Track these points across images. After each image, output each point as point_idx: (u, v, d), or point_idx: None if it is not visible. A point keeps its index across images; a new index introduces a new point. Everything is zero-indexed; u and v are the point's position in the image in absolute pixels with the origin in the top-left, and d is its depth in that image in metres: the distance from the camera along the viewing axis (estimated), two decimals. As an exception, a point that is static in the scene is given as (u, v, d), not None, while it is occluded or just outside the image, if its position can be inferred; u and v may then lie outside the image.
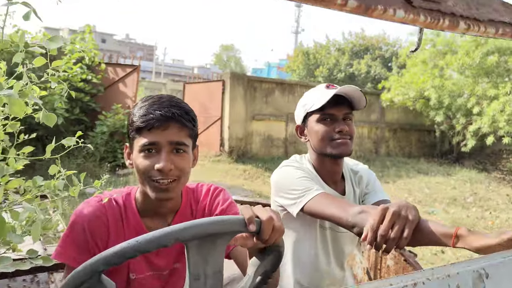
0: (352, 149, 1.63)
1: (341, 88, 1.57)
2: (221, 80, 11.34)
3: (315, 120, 1.64)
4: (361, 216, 1.31)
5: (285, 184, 1.58)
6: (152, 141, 1.17)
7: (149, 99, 1.22)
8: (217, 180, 8.91)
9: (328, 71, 26.44)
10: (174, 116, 1.17)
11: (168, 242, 0.75)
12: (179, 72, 55.38)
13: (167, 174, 1.17)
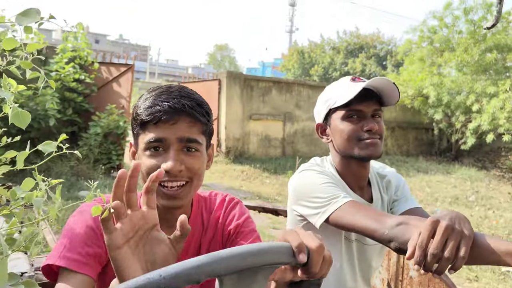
0: (382, 150, 1.43)
1: (371, 81, 1.36)
2: (217, 79, 11.12)
3: (339, 118, 1.43)
4: (401, 229, 1.11)
5: (306, 191, 1.37)
6: (159, 137, 0.98)
7: (156, 89, 1.04)
8: (215, 182, 8.71)
9: (323, 70, 26.38)
10: (184, 108, 0.98)
11: (199, 276, 0.55)
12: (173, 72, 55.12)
13: (176, 176, 0.99)
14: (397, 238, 1.11)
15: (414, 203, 1.51)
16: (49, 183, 1.06)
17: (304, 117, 12.43)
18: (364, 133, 1.39)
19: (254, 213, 5.83)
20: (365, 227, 1.19)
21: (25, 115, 0.74)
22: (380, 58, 27.30)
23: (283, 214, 2.74)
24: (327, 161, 1.54)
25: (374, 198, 1.52)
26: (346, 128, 1.41)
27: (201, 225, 1.16)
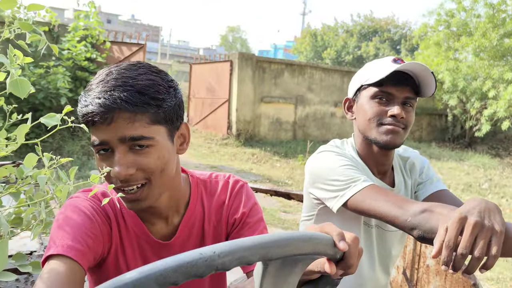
0: (403, 141, 1.33)
1: (407, 64, 1.26)
2: (229, 60, 11.00)
3: (368, 96, 1.34)
4: (424, 216, 1.04)
5: (324, 173, 1.30)
6: (100, 141, 0.85)
7: (98, 76, 0.88)
8: (224, 164, 8.69)
9: (336, 53, 26.04)
10: (116, 102, 0.81)
11: (253, 257, 0.50)
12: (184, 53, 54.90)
13: (129, 180, 0.86)
14: (420, 226, 1.04)
15: (440, 185, 1.42)
16: (57, 161, 1.01)
17: (316, 100, 12.29)
18: (387, 118, 1.30)
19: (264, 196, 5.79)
20: (386, 213, 1.12)
21: (24, 83, 0.67)
22: (394, 42, 26.87)
23: (296, 198, 2.69)
24: (348, 143, 1.46)
25: (397, 182, 1.44)
26: (370, 108, 1.33)
27: (202, 211, 1.05)
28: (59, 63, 7.48)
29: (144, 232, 0.98)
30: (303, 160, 8.84)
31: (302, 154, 9.45)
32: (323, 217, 1.40)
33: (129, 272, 0.45)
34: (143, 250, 0.99)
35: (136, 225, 0.98)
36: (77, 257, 0.82)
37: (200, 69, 12.25)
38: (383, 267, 1.48)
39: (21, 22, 0.64)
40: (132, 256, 0.98)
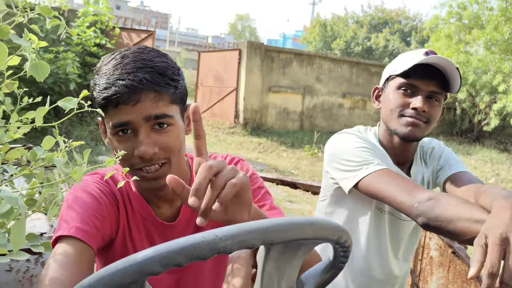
0: (424, 134, 1.33)
1: (432, 58, 1.25)
2: (238, 49, 10.97)
3: (394, 86, 1.35)
4: (431, 204, 1.05)
5: (340, 153, 1.32)
6: (123, 122, 0.86)
7: (111, 60, 0.89)
8: (231, 153, 8.72)
9: (345, 44, 25.86)
10: (143, 84, 0.84)
11: (254, 242, 0.52)
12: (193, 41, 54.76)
13: (152, 160, 0.89)
14: (425, 213, 1.05)
15: (459, 167, 1.40)
16: (69, 144, 1.03)
17: (324, 91, 12.25)
18: (409, 110, 1.31)
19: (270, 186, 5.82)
20: (394, 198, 1.13)
21: (43, 66, 0.69)
22: (404, 34, 26.64)
23: (301, 188, 2.71)
24: (371, 131, 1.47)
25: (413, 172, 1.45)
26: (394, 99, 1.34)
27: None
28: (68, 48, 7.50)
29: (150, 214, 1.00)
30: (310, 151, 8.85)
31: (309, 145, 9.45)
32: (337, 198, 1.43)
33: (135, 254, 0.47)
34: (149, 232, 1.01)
35: (142, 208, 1.00)
36: (86, 238, 0.84)
37: (208, 57, 12.23)
38: (396, 255, 1.48)
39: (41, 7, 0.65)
40: (139, 238, 1.00)
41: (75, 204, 0.89)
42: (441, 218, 1.03)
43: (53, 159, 1.03)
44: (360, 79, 12.87)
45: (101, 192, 0.94)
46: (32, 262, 1.65)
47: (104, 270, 0.46)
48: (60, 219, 0.90)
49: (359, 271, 1.46)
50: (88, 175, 0.99)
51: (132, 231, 0.99)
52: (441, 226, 1.03)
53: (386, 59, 24.25)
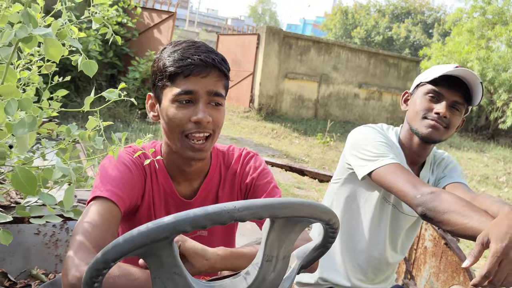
0: (443, 139, 1.49)
1: (459, 70, 1.41)
2: (256, 33, 11.01)
3: (423, 92, 1.51)
4: (431, 196, 1.22)
5: (361, 142, 1.50)
6: (190, 90, 1.02)
7: (181, 43, 1.07)
8: (244, 137, 8.86)
9: (366, 33, 25.57)
10: (214, 62, 1.03)
11: (264, 214, 0.65)
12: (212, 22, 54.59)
13: (205, 128, 1.05)
14: (425, 204, 1.22)
15: (458, 179, 1.56)
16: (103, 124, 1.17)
17: (341, 80, 12.25)
18: (432, 114, 1.46)
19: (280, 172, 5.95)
20: (401, 189, 1.30)
21: (93, 65, 0.83)
22: (427, 25, 26.20)
23: (309, 175, 2.83)
24: (393, 130, 1.64)
25: (421, 175, 1.60)
26: (421, 102, 1.49)
27: (219, 178, 1.23)
28: (90, 25, 7.65)
29: (171, 189, 1.16)
30: (322, 139, 8.94)
31: (322, 133, 9.54)
32: (349, 182, 1.60)
33: (167, 216, 0.61)
34: (167, 204, 1.17)
35: (166, 182, 1.16)
36: (117, 200, 0.99)
37: (227, 40, 12.30)
38: (393, 245, 1.63)
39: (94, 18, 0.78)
40: (159, 208, 1.16)
41: (111, 171, 1.05)
42: (437, 209, 1.20)
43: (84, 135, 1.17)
44: (378, 70, 12.82)
45: (132, 163, 1.09)
46: (57, 228, 1.82)
47: (145, 226, 0.60)
48: (96, 183, 1.05)
49: (357, 252, 1.61)
50: (126, 149, 1.14)
51: (155, 200, 1.15)
52: (436, 216, 1.20)
53: (407, 50, 23.96)
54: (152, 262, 0.65)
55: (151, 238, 0.60)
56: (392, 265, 1.69)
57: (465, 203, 1.18)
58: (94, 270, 0.62)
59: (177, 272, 0.67)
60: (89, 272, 0.63)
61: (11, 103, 0.61)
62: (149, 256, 0.65)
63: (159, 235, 0.60)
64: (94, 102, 4.09)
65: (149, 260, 0.65)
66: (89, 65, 0.83)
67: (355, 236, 1.62)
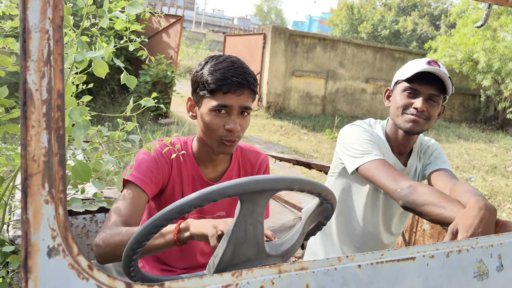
0: (425, 129, 1.63)
1: (432, 68, 1.55)
2: (262, 33, 11.20)
3: (400, 89, 1.65)
4: (409, 190, 1.39)
5: (348, 141, 1.65)
6: (226, 104, 1.26)
7: (221, 61, 1.29)
8: (254, 135, 9.05)
9: (372, 27, 25.55)
10: (248, 84, 1.26)
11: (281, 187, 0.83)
12: (219, 22, 54.81)
13: (234, 134, 1.29)
14: (404, 197, 1.40)
15: (443, 166, 1.71)
16: (126, 126, 1.37)
17: (347, 76, 12.38)
18: (411, 109, 1.61)
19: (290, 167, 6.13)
20: (383, 184, 1.48)
21: (133, 80, 1.03)
22: (434, 17, 26.09)
23: (316, 168, 3.01)
24: (380, 124, 1.79)
25: (409, 164, 1.76)
26: (400, 99, 1.64)
27: (238, 167, 1.52)
28: (101, 32, 7.90)
29: (198, 173, 1.43)
30: (330, 135, 9.10)
31: (330, 129, 9.69)
32: (342, 175, 1.78)
33: (277, 174, 0.82)
34: (195, 186, 1.43)
35: (193, 168, 1.42)
36: (141, 184, 1.27)
37: (233, 41, 12.50)
38: (387, 228, 1.81)
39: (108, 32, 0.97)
40: (187, 189, 1.42)
41: (139, 162, 1.31)
42: (415, 202, 1.38)
43: (115, 136, 1.37)
44: (384, 65, 12.93)
45: (160, 154, 1.35)
46: (88, 220, 2.03)
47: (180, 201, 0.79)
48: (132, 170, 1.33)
49: (353, 237, 1.80)
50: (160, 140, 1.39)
51: (183, 182, 1.41)
52: (415, 208, 1.38)
53: (414, 43, 23.92)
54: (246, 207, 0.81)
55: (266, 187, 0.78)
56: (388, 246, 1.87)
57: (439, 195, 1.36)
58: (176, 212, 0.79)
59: (260, 221, 0.84)
60: (167, 214, 0.80)
61: (73, 111, 0.81)
62: (248, 201, 0.81)
63: (275, 186, 0.78)
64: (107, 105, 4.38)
65: (245, 205, 0.81)
66: (131, 80, 1.03)
67: (351, 223, 1.80)
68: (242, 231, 0.83)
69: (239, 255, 0.83)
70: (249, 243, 0.83)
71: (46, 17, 0.49)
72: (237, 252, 0.83)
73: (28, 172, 0.48)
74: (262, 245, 0.85)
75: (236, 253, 0.83)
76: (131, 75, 1.04)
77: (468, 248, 0.74)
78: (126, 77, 1.03)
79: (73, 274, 0.50)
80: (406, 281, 0.69)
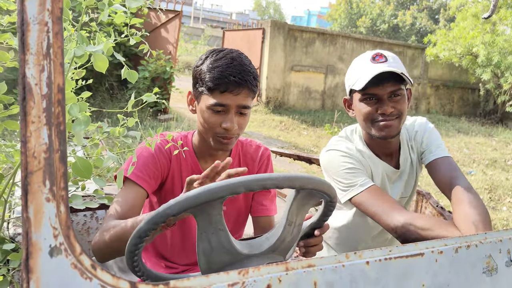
0: (400, 127, 1.50)
1: (377, 68, 1.41)
2: (261, 28, 11.15)
3: (357, 99, 1.51)
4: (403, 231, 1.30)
5: (331, 172, 1.54)
6: (223, 103, 1.24)
7: (221, 58, 1.25)
8: (253, 130, 9.03)
9: (371, 22, 25.48)
10: (246, 83, 1.24)
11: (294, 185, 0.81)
12: (217, 17, 54.66)
13: (232, 132, 1.28)
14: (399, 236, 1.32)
15: (439, 153, 1.56)
16: (126, 122, 1.35)
17: (346, 70, 12.34)
18: (378, 116, 1.46)
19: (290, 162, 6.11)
20: (378, 219, 1.39)
21: (134, 74, 1.01)
22: (432, 11, 26.03)
23: (316, 163, 3.00)
24: (356, 133, 1.66)
25: (401, 162, 1.64)
26: (362, 110, 1.49)
27: (238, 161, 1.51)
28: (100, 27, 7.86)
29: (198, 167, 1.41)
30: (330, 130, 9.08)
31: (329, 124, 9.67)
32: None
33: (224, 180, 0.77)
34: None
35: (193, 162, 1.41)
36: (137, 180, 1.25)
37: (232, 36, 12.45)
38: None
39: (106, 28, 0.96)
40: None
41: (138, 158, 1.29)
42: (410, 239, 1.28)
43: (115, 132, 1.35)
44: (383, 59, 12.89)
45: (158, 150, 1.33)
46: (88, 217, 2.01)
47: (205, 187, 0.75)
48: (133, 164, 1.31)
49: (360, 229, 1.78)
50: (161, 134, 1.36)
51: (182, 177, 1.39)
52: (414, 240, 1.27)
53: (413, 37, 23.87)
54: (202, 219, 0.80)
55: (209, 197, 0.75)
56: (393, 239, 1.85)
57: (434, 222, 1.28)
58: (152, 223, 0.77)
59: (221, 228, 0.82)
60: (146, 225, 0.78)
61: (73, 107, 0.79)
62: (201, 214, 0.79)
63: (217, 195, 0.75)
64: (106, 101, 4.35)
65: (200, 218, 0.80)
66: (132, 74, 1.01)
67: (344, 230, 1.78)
68: (206, 242, 0.83)
69: (214, 263, 0.84)
70: (218, 251, 0.83)
71: (45, 9, 0.47)
72: (210, 261, 0.84)
73: (29, 169, 0.47)
74: (233, 249, 0.84)
75: (210, 262, 0.84)
76: (133, 71, 1.02)
77: (477, 244, 0.73)
78: (127, 71, 1.01)
79: (76, 274, 0.49)
80: (415, 277, 0.68)
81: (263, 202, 1.51)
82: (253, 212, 1.52)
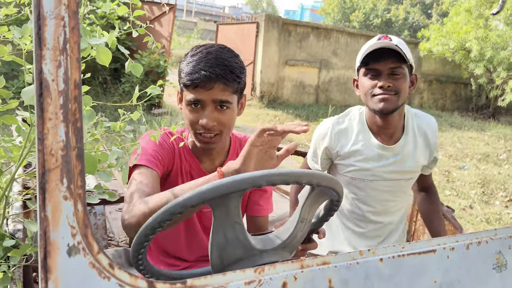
0: (399, 105, 1.58)
1: (380, 43, 1.52)
2: (255, 22, 11.10)
3: (362, 74, 1.63)
4: None
5: None
6: (197, 99, 1.21)
7: (197, 53, 1.23)
8: (247, 124, 9.01)
9: (364, 16, 25.47)
10: (217, 77, 1.18)
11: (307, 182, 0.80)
12: (210, 11, 54.38)
13: (210, 129, 1.24)
14: None
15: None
16: (128, 116, 1.33)
17: (340, 65, 12.35)
18: (377, 89, 1.57)
19: (285, 156, 5.94)
20: None
21: (138, 67, 1.00)
22: (425, 6, 26.08)
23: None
24: (358, 110, 1.76)
25: (401, 144, 1.69)
26: (364, 84, 1.61)
27: None
28: (93, 21, 7.78)
29: (197, 166, 1.39)
30: (324, 124, 9.09)
31: (323, 118, 9.69)
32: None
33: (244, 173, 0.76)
34: (192, 177, 1.39)
35: (192, 160, 1.39)
36: (153, 165, 1.23)
37: (226, 29, 12.39)
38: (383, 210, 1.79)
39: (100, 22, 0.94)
40: (186, 180, 1.38)
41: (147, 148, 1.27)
42: None
43: (116, 127, 1.34)
44: (377, 54, 12.91)
45: (163, 141, 1.32)
46: (86, 212, 2.00)
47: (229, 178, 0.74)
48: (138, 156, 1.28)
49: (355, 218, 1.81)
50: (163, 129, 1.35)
51: (183, 173, 1.38)
52: None
53: (406, 32, 23.90)
54: (219, 212, 0.79)
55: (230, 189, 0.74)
56: (392, 224, 1.84)
57: None
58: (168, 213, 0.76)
59: (238, 221, 0.81)
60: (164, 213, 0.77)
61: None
62: (218, 206, 0.78)
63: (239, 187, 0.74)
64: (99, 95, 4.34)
65: (217, 210, 0.79)
66: (136, 68, 1.00)
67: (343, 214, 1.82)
68: (221, 235, 0.82)
69: (227, 258, 0.83)
70: (232, 245, 0.82)
71: (62, 3, 0.46)
72: (223, 255, 0.83)
73: (46, 167, 0.46)
74: (247, 243, 0.83)
75: (223, 256, 0.83)
76: (138, 64, 1.01)
77: (487, 240, 0.73)
78: (132, 64, 0.99)
79: (94, 273, 0.48)
80: (427, 273, 0.68)
81: (259, 202, 1.48)
82: (249, 211, 1.50)
